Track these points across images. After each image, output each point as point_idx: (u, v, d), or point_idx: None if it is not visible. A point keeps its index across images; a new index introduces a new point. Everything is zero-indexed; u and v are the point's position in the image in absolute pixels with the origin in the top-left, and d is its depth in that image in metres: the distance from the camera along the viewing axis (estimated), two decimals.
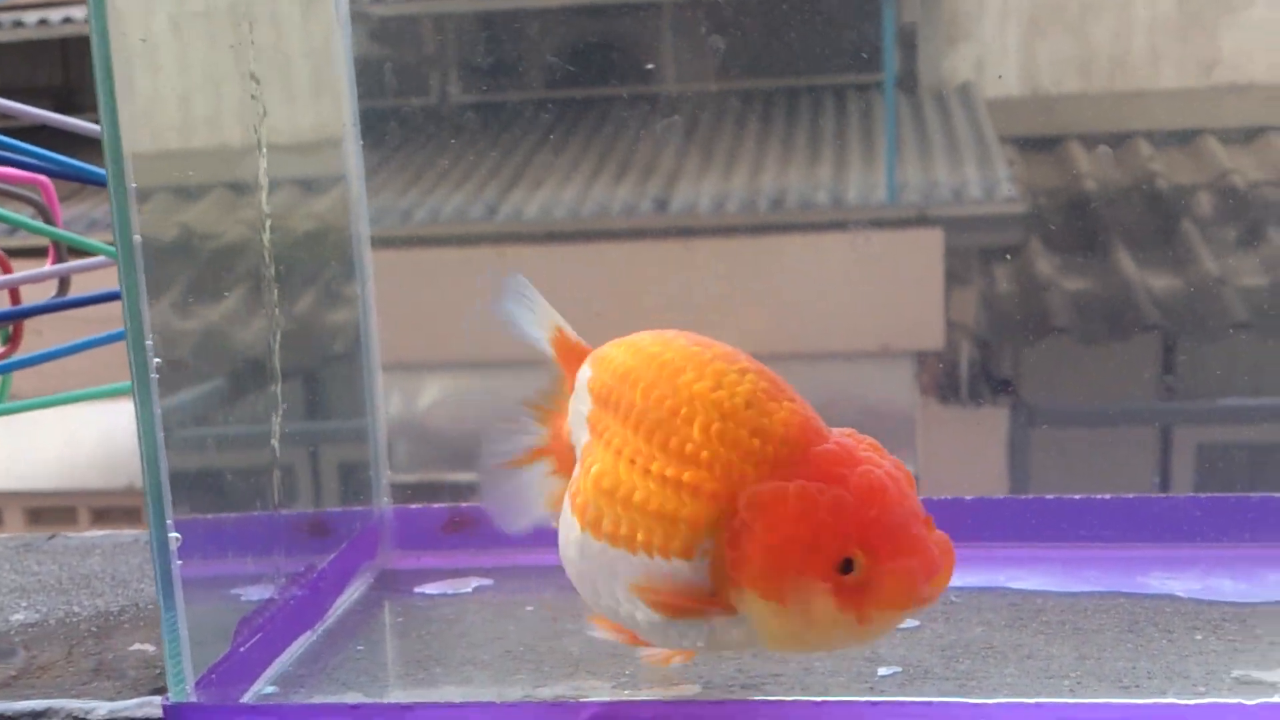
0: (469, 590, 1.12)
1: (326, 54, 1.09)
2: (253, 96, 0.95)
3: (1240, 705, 0.80)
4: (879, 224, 1.72)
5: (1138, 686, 0.90)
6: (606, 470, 0.83)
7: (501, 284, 0.96)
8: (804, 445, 0.80)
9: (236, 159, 0.94)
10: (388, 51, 1.73)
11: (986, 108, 1.96)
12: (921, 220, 1.70)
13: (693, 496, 0.79)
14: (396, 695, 0.92)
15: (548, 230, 1.73)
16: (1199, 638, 0.99)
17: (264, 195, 0.97)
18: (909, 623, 1.02)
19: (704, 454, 0.79)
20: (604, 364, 0.87)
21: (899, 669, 0.94)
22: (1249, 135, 1.87)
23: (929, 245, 1.69)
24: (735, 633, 0.81)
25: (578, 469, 0.87)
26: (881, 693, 0.91)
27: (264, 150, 0.96)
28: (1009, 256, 1.75)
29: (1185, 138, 1.88)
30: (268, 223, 0.97)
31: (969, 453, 1.69)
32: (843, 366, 1.73)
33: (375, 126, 1.26)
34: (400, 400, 1.77)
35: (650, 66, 1.72)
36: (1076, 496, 1.18)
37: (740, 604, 0.79)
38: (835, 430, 0.82)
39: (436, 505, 1.16)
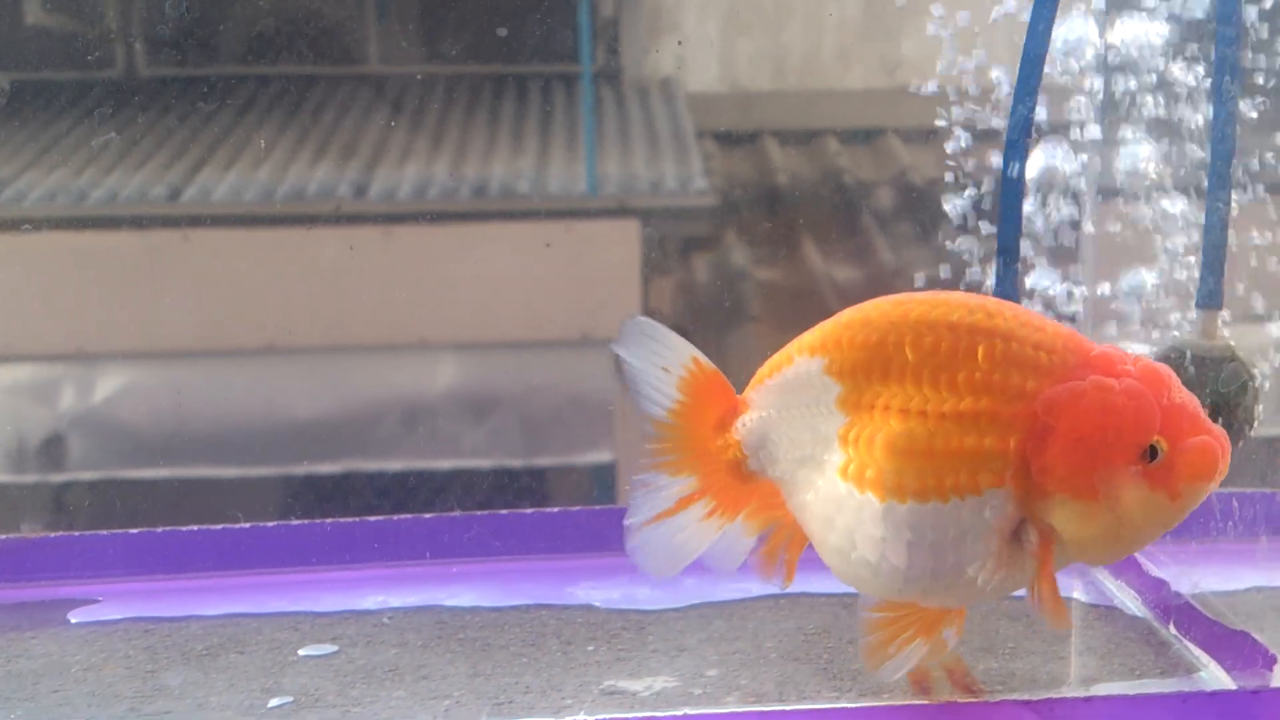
0: None
1: None
2: None
3: None
4: (579, 214, 1.74)
5: (510, 703, 0.93)
6: (896, 432, 0.81)
7: (623, 329, 0.89)
8: (1082, 352, 0.81)
9: None
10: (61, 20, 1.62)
11: (687, 102, 2.01)
12: (620, 211, 1.73)
13: (992, 421, 0.79)
14: None
15: (238, 214, 1.66)
16: (591, 649, 1.02)
17: None
18: (327, 649, 1.03)
19: (995, 377, 0.80)
20: (835, 346, 0.84)
21: (291, 699, 0.94)
22: (926, 135, 1.96)
23: (627, 236, 1.72)
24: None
25: (839, 457, 0.82)
26: None
27: None
28: (705, 247, 1.80)
29: (869, 136, 1.98)
30: None
31: None
32: (544, 355, 1.74)
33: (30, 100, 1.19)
34: (75, 393, 1.67)
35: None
36: (527, 511, 1.23)
37: (1048, 516, 0.79)
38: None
39: None
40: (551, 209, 1.76)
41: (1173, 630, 1.03)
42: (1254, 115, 1.09)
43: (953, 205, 1.44)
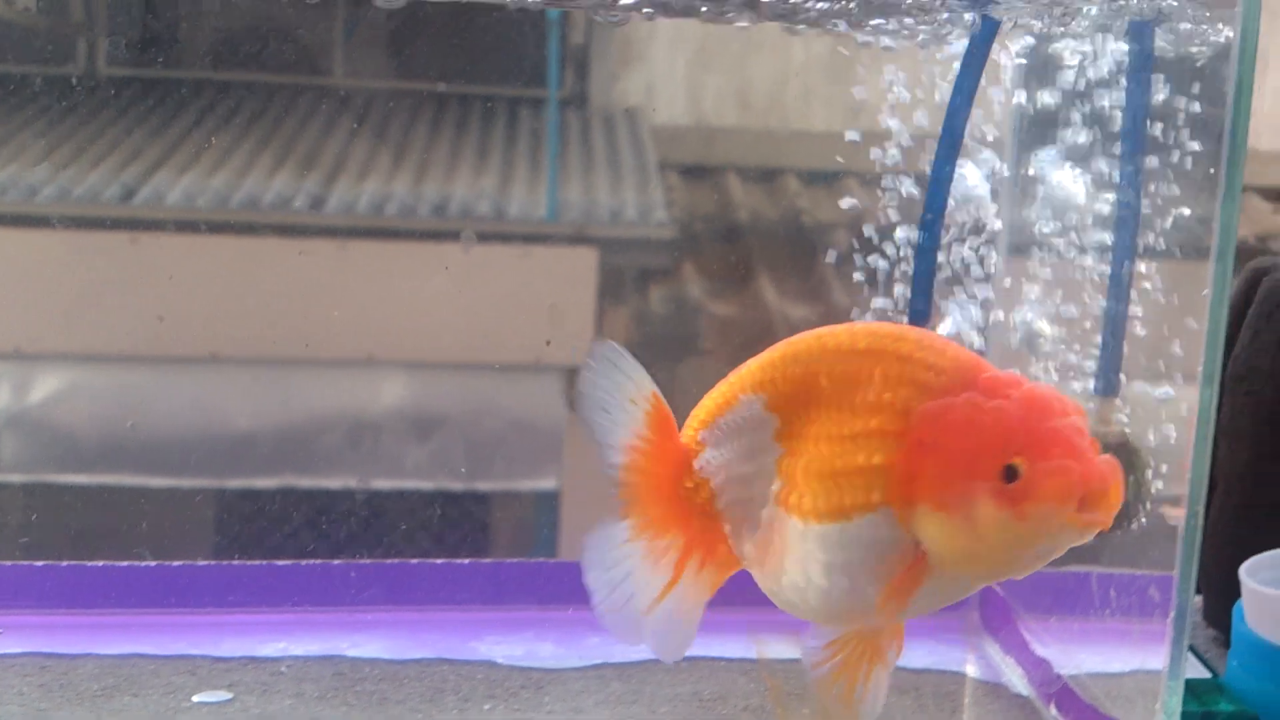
0: None
1: None
2: None
3: None
4: (538, 239, 1.73)
5: None
6: (812, 456, 0.83)
7: (590, 350, 0.89)
8: (975, 373, 0.82)
9: None
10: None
11: (651, 134, 2.01)
12: (579, 239, 1.73)
13: (882, 439, 0.81)
14: None
15: (190, 219, 1.64)
16: (488, 708, 1.02)
17: None
18: (221, 695, 1.01)
19: (885, 396, 0.82)
20: (770, 383, 0.86)
21: None
22: (883, 179, 1.97)
23: (584, 263, 1.71)
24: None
25: (776, 485, 0.84)
26: None
27: None
28: (661, 278, 1.80)
29: (830, 177, 1.99)
30: None
31: None
32: (494, 378, 1.72)
33: None
34: (9, 392, 1.63)
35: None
36: (437, 561, 1.21)
37: (917, 529, 0.80)
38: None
39: None
40: (510, 232, 1.75)
41: (1054, 711, 1.05)
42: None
43: (897, 250, 1.46)
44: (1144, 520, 1.02)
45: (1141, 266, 1.09)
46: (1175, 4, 1.03)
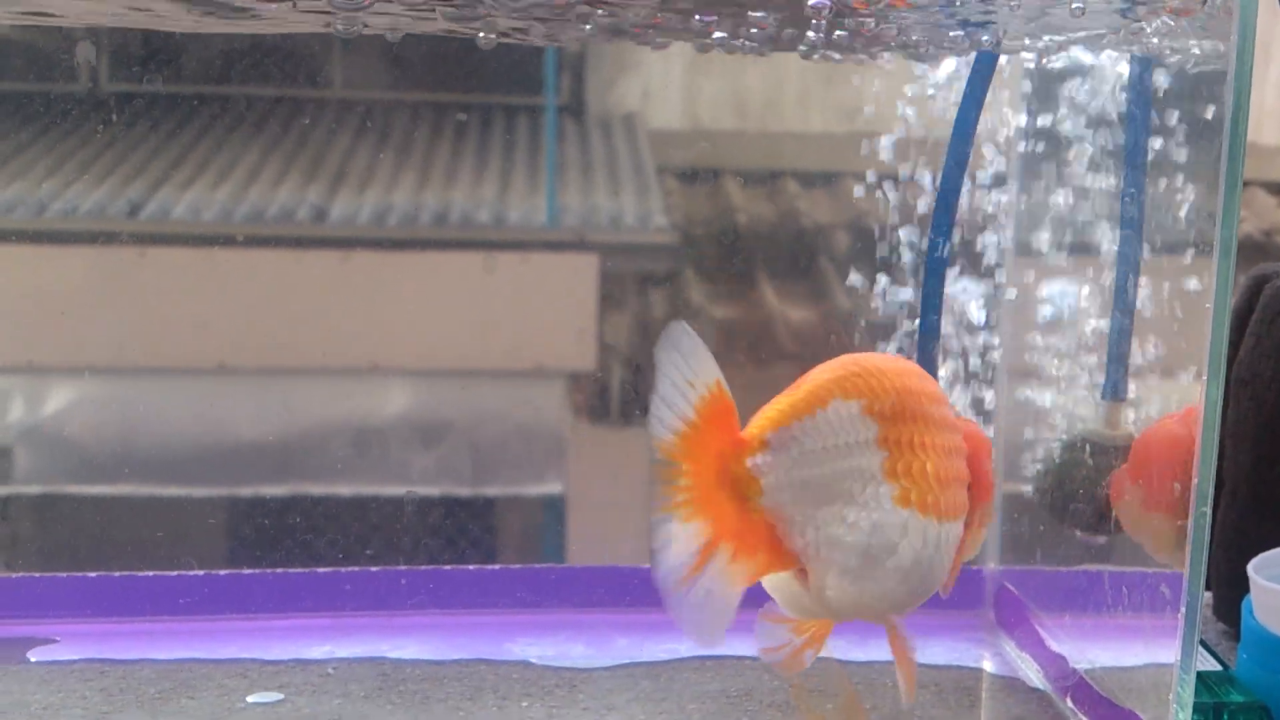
0: None
1: None
2: None
3: None
4: (538, 246, 1.75)
5: None
6: (934, 463, 0.96)
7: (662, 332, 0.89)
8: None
9: None
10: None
11: (649, 139, 2.03)
12: (579, 245, 1.74)
13: (961, 455, 1.00)
14: None
15: (196, 232, 1.66)
16: (525, 704, 1.05)
17: None
18: (273, 696, 1.05)
19: (955, 419, 1.00)
20: (869, 391, 0.95)
21: None
22: (886, 180, 1.99)
23: (585, 269, 1.73)
24: None
25: (886, 488, 0.91)
26: None
27: None
28: (663, 283, 1.82)
29: (828, 179, 2.00)
30: None
31: (617, 470, 1.74)
32: (497, 385, 1.74)
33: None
34: (24, 405, 1.65)
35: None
36: (470, 567, 1.24)
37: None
38: None
39: None
40: (510, 240, 1.76)
41: (1069, 704, 1.07)
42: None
43: (899, 250, 1.48)
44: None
45: (1146, 272, 1.11)
46: (1171, 34, 1.05)
